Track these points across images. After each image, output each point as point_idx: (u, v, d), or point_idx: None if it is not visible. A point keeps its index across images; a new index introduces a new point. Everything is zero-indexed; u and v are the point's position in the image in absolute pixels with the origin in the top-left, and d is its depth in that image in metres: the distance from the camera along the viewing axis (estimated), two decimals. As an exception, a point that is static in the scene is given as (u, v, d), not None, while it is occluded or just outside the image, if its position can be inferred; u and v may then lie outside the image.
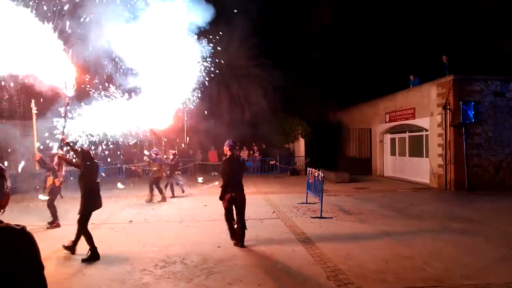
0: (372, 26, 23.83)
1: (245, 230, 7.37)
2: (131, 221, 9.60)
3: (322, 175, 10.48)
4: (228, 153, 7.50)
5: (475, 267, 5.85)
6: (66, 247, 6.82)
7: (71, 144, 7.49)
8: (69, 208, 9.11)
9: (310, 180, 11.80)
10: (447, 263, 6.05)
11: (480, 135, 14.78)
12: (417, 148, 17.95)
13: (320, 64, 24.85)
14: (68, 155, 7.96)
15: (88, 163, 6.88)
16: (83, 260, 6.33)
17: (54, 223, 8.95)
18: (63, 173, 9.36)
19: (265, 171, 22.98)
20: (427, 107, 16.24)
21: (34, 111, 7.99)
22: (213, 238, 7.78)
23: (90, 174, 6.87)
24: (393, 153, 20.44)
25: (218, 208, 8.71)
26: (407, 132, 18.83)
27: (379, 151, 21.18)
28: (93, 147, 8.95)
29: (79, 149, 7.15)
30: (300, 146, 23.88)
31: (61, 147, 7.52)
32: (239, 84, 24.43)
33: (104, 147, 11.91)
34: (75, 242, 6.78)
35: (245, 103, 25.11)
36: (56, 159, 8.81)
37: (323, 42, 24.68)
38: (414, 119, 17.41)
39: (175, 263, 6.24)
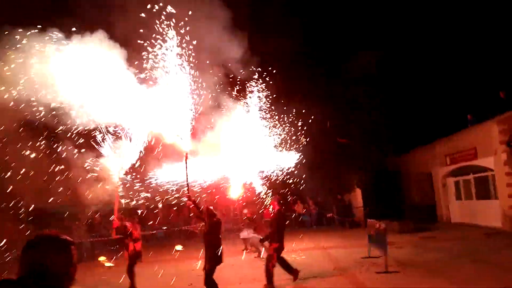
0: (425, 69, 23.47)
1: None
2: (191, 284, 9.55)
3: (384, 226, 9.99)
4: (277, 207, 8.56)
5: None
6: None
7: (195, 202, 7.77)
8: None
9: (371, 232, 11.26)
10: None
11: (551, 170, 13.63)
12: (484, 189, 16.78)
13: (374, 110, 24.50)
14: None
15: (214, 219, 7.29)
16: None
17: None
18: (139, 232, 9.45)
19: (322, 225, 22.33)
20: (489, 146, 15.35)
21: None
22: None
23: (216, 230, 7.33)
24: (458, 197, 19.20)
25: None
26: (471, 173, 17.73)
27: (443, 196, 20.00)
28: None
29: (203, 207, 7.55)
30: (357, 196, 23.16)
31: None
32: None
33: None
34: None
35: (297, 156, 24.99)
36: (129, 224, 9.06)
37: (376, 87, 24.44)
38: (477, 159, 16.44)
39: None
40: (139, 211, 17.07)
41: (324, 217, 22.53)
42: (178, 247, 15.95)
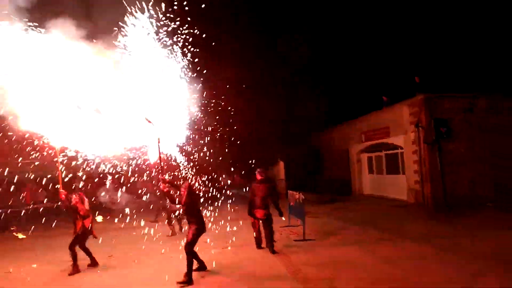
0: (345, 50, 24.46)
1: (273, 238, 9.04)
2: (111, 255, 9.39)
3: (303, 197, 10.54)
4: (259, 177, 9.18)
5: (457, 282, 5.94)
6: (181, 282, 6.73)
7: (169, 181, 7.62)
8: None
9: (291, 203, 11.83)
10: (429, 280, 6.14)
11: (453, 151, 15.14)
12: (394, 165, 18.28)
13: (297, 88, 25.21)
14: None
15: (193, 195, 7.26)
16: (178, 283, 6.65)
17: (74, 269, 7.93)
18: (87, 207, 8.35)
19: (246, 196, 22.87)
20: (401, 126, 16.67)
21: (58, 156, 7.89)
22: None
23: (195, 204, 7.28)
24: (370, 171, 20.74)
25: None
26: (383, 150, 19.20)
27: (357, 171, 21.46)
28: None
29: (182, 184, 7.38)
30: (280, 169, 23.97)
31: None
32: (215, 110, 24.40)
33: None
34: (189, 270, 6.83)
35: (223, 129, 25.07)
36: (75, 197, 8.16)
37: (299, 64, 25.05)
38: (389, 137, 17.79)
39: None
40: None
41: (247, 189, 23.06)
42: (98, 218, 15.42)
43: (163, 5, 8.25)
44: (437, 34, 22.45)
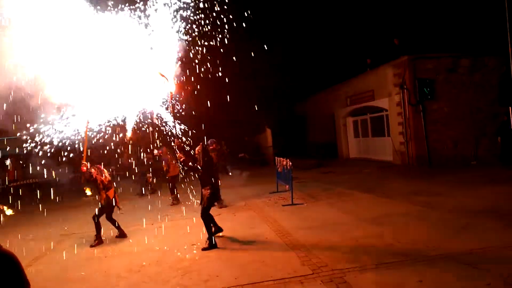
0: (327, 15, 24.07)
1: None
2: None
3: (290, 163, 10.64)
4: (211, 147, 9.21)
5: (440, 238, 6.13)
6: (205, 249, 6.81)
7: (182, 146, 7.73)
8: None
9: (279, 169, 11.95)
10: (414, 236, 6.32)
11: (437, 111, 15.34)
12: (379, 128, 18.47)
13: (283, 54, 24.89)
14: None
15: (206, 158, 7.20)
16: (204, 249, 6.70)
17: (96, 241, 7.96)
18: (108, 178, 8.20)
19: (233, 165, 22.95)
20: (385, 88, 16.71)
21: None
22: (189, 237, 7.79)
23: (210, 168, 7.26)
24: (356, 135, 20.94)
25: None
26: (368, 113, 19.32)
27: (343, 135, 21.64)
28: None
29: (197, 148, 7.33)
30: (267, 137, 24.04)
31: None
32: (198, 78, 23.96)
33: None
34: (209, 235, 6.95)
35: (208, 98, 24.80)
36: (93, 170, 8.00)
37: (283, 31, 24.62)
38: (374, 100, 17.86)
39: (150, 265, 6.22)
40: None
41: (235, 157, 23.15)
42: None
43: None
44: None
